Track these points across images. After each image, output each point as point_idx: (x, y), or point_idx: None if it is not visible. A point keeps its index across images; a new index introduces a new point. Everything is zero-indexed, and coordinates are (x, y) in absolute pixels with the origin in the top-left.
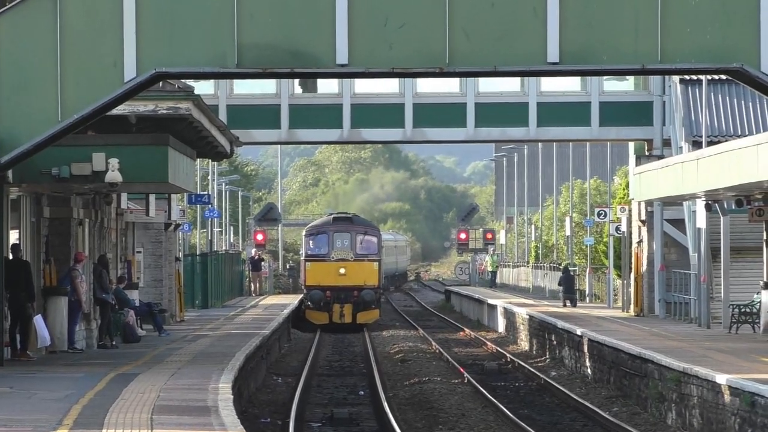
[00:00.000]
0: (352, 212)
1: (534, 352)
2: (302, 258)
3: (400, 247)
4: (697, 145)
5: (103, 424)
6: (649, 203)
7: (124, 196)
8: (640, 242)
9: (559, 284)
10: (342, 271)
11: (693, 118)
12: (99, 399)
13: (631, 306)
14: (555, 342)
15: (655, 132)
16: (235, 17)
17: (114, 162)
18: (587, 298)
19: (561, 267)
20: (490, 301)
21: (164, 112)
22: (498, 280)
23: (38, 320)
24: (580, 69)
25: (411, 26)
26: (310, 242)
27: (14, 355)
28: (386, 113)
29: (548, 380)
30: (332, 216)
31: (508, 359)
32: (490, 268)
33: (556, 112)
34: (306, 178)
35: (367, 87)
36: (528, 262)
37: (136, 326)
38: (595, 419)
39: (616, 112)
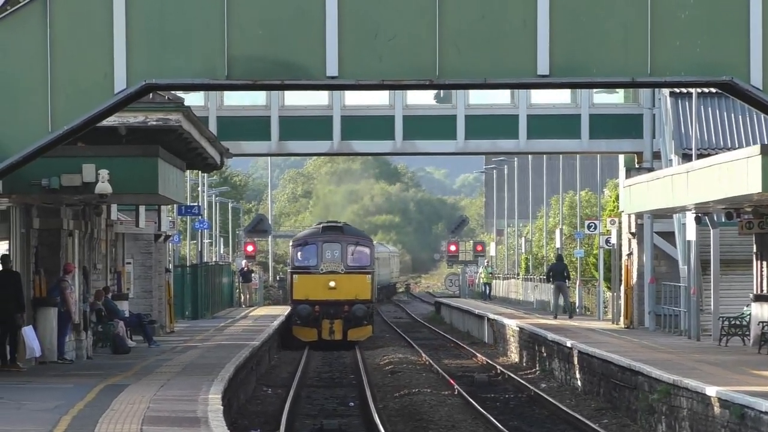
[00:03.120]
0: (342, 221)
1: (524, 364)
2: (289, 270)
3: (388, 259)
4: (687, 157)
5: None
6: (639, 216)
7: (113, 207)
8: (630, 254)
9: (548, 277)
10: (332, 284)
11: (683, 131)
12: (89, 410)
13: (621, 318)
14: (545, 354)
15: (645, 145)
16: (225, 29)
17: (104, 173)
18: (577, 310)
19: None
20: (479, 313)
21: (154, 123)
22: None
23: (27, 331)
24: (570, 81)
25: (401, 38)
26: (298, 253)
27: (4, 365)
28: (376, 125)
29: (538, 392)
30: (321, 225)
31: (498, 371)
32: (483, 280)
33: (546, 125)
34: (295, 189)
35: (357, 99)
36: (518, 275)
37: (126, 337)
38: (585, 431)
39: (606, 125)
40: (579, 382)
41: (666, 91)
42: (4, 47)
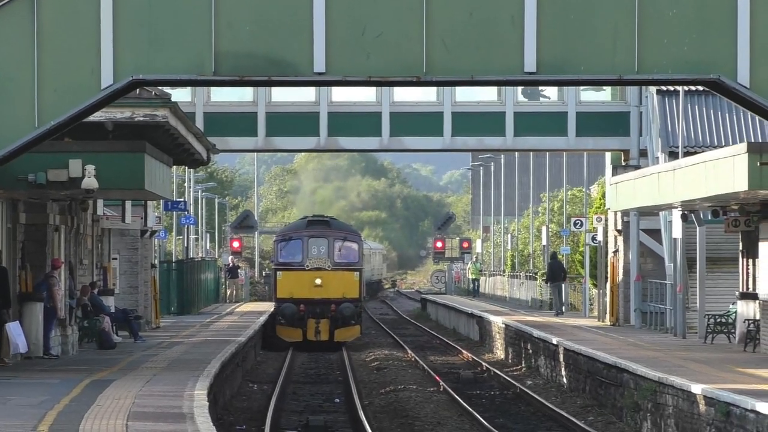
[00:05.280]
0: (329, 215)
1: (510, 361)
2: (273, 266)
3: (369, 256)
4: (673, 155)
5: (78, 431)
6: (625, 213)
7: (100, 203)
8: (616, 252)
9: (546, 278)
10: (318, 281)
11: (669, 129)
12: (74, 405)
13: (607, 315)
14: (531, 351)
15: (632, 142)
16: (212, 25)
17: (90, 168)
18: (564, 308)
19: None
20: (467, 310)
21: (141, 119)
22: (479, 289)
23: (13, 327)
24: (557, 79)
25: (388, 35)
26: (282, 249)
27: None
28: (363, 121)
29: (524, 389)
30: (307, 219)
31: (484, 368)
32: (471, 276)
33: (533, 122)
34: (282, 185)
35: (344, 95)
36: (504, 271)
37: (112, 333)
38: (571, 428)
39: (593, 123)
40: (565, 380)
41: (653, 89)
42: None
